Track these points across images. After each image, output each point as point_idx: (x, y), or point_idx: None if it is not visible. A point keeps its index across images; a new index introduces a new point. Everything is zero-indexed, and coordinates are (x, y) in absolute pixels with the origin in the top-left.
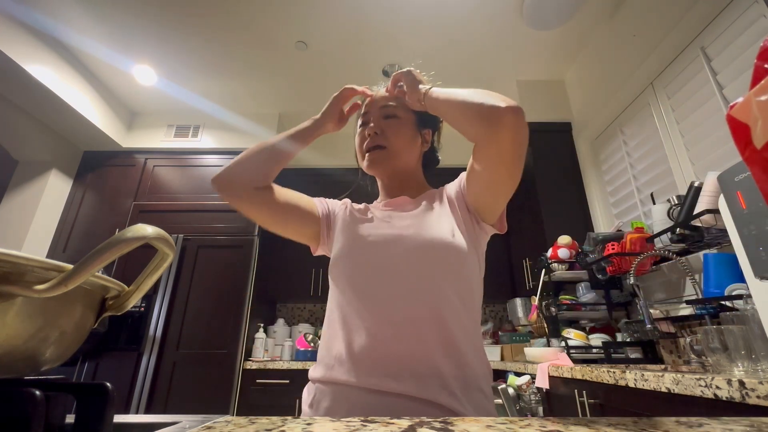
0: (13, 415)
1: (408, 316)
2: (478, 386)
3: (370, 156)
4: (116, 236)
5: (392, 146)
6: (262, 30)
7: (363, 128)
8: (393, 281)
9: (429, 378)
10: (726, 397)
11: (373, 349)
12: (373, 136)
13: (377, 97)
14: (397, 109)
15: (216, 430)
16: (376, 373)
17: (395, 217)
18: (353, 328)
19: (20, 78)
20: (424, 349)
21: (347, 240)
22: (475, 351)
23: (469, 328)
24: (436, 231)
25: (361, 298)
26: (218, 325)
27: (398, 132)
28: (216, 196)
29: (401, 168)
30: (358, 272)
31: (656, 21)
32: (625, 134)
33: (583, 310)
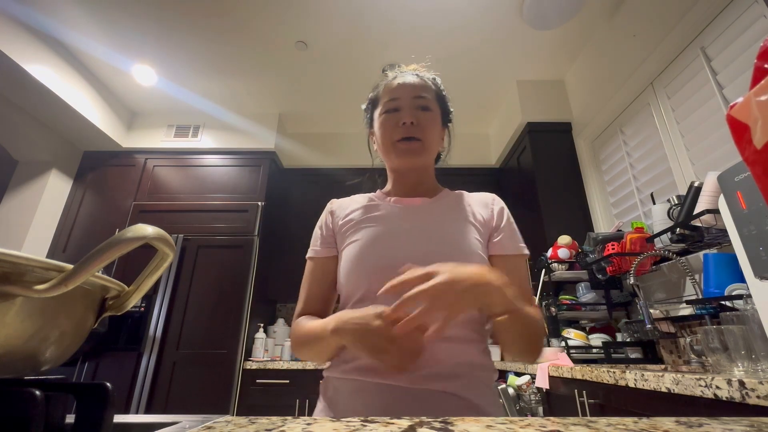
0: (13, 415)
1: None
2: (488, 383)
3: (403, 145)
4: (116, 236)
5: (427, 140)
6: (262, 30)
7: (393, 114)
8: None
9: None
10: (726, 397)
11: None
12: (409, 126)
13: (409, 83)
14: (431, 101)
15: (216, 430)
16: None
17: (411, 215)
18: None
19: (20, 78)
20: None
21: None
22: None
23: (479, 326)
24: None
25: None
26: (218, 325)
27: (433, 126)
28: (216, 195)
29: (425, 164)
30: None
31: (656, 21)
32: (625, 134)
33: (583, 310)
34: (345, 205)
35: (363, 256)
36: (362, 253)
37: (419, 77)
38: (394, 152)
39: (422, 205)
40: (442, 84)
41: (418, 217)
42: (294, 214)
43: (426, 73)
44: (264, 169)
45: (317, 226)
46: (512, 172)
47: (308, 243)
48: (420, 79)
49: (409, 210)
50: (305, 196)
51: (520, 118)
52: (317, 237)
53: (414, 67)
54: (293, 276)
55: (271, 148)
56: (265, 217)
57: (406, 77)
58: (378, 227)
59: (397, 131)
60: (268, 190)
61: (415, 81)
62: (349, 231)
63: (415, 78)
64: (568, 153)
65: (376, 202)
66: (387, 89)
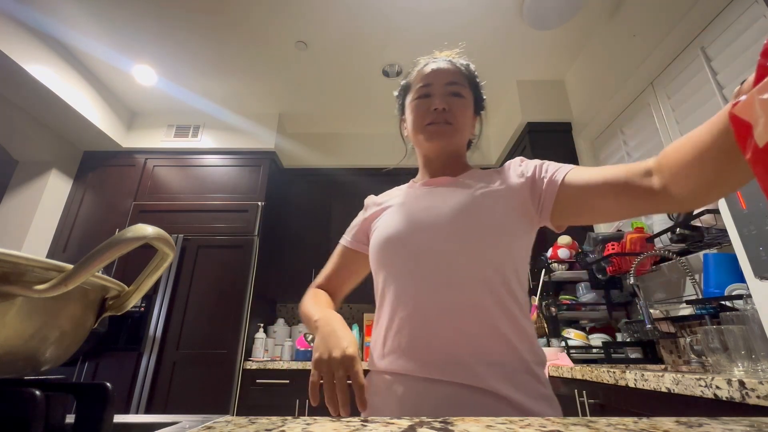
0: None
1: (449, 303)
2: (529, 370)
3: (433, 128)
4: (116, 236)
5: (457, 124)
6: (262, 30)
7: (425, 100)
8: (432, 268)
9: (476, 365)
10: (726, 397)
11: (416, 339)
12: (441, 111)
13: (442, 69)
14: (463, 87)
15: (216, 430)
16: (421, 361)
17: (435, 196)
18: (396, 318)
19: (20, 78)
20: (467, 337)
21: (384, 228)
22: (523, 336)
23: (515, 314)
24: (477, 213)
25: (402, 288)
26: (218, 325)
27: (464, 112)
28: (216, 195)
29: (456, 148)
30: (396, 258)
31: (656, 21)
32: (625, 134)
33: (583, 310)
34: (378, 200)
35: (379, 242)
36: (379, 238)
37: (452, 63)
38: (424, 135)
39: (445, 183)
40: (476, 71)
41: (440, 195)
42: (294, 214)
43: (460, 59)
44: (264, 169)
45: (354, 220)
46: None
47: (308, 243)
48: (453, 65)
49: (431, 190)
50: (305, 196)
51: (520, 118)
52: (350, 228)
53: (448, 54)
54: (293, 276)
55: (271, 148)
56: (265, 217)
57: (439, 63)
58: (396, 210)
59: (428, 116)
60: (268, 190)
61: (448, 67)
62: (375, 221)
63: (448, 64)
64: (568, 153)
65: (405, 189)
66: (419, 75)
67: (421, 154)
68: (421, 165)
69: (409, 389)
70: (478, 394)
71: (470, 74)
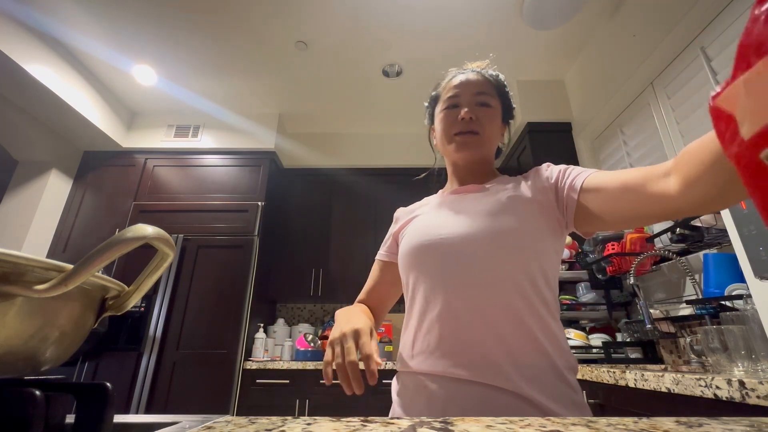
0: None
1: (479, 304)
2: (561, 376)
3: (462, 138)
4: (116, 236)
5: (485, 134)
6: (262, 30)
7: (453, 110)
8: (461, 270)
9: (506, 366)
10: (726, 397)
11: (445, 339)
12: (468, 121)
13: (470, 80)
14: (491, 98)
15: (216, 430)
16: (451, 361)
17: (463, 203)
18: (426, 319)
19: (20, 78)
20: (496, 338)
21: (414, 233)
22: (554, 340)
23: (545, 318)
24: (505, 217)
25: (432, 289)
26: (218, 325)
27: (492, 121)
28: (216, 195)
29: (484, 157)
30: (426, 261)
31: (656, 21)
32: (625, 134)
33: (583, 310)
34: (408, 210)
35: (408, 247)
36: (408, 243)
37: (480, 74)
38: (453, 145)
39: (472, 190)
40: (505, 81)
41: (469, 201)
42: (294, 214)
43: (489, 70)
44: (264, 169)
45: (387, 233)
46: (512, 172)
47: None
48: (481, 76)
49: (459, 198)
50: (305, 196)
51: (520, 117)
52: (384, 242)
53: (478, 65)
54: (293, 276)
55: (271, 148)
56: (265, 217)
57: (468, 74)
58: (425, 217)
59: (456, 125)
60: (268, 190)
61: (476, 78)
62: (404, 229)
63: (476, 75)
64: (568, 153)
65: (434, 200)
66: (448, 86)
67: (449, 162)
68: (450, 173)
69: (438, 389)
70: (508, 397)
71: (499, 84)
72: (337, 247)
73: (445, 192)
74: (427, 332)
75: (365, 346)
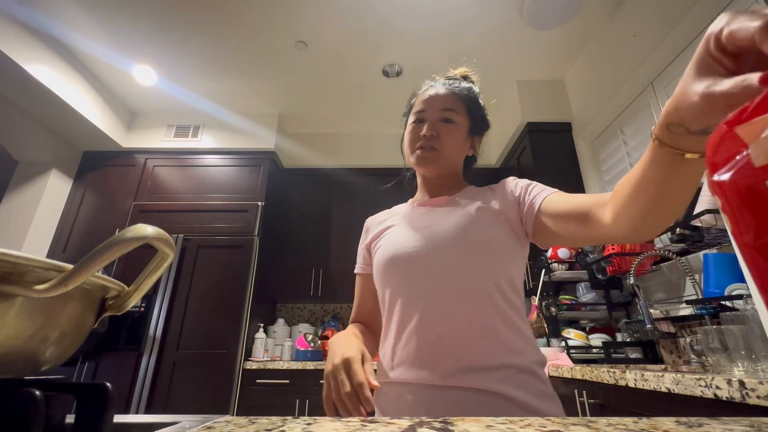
0: (13, 415)
1: (453, 315)
2: (531, 371)
3: (420, 153)
4: (116, 236)
5: (444, 150)
6: (262, 30)
7: (418, 125)
8: (435, 283)
9: (480, 370)
10: (726, 397)
11: (423, 350)
12: (429, 138)
13: (438, 96)
14: (456, 113)
15: (216, 430)
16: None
17: (434, 216)
18: (404, 331)
19: (20, 78)
20: (470, 345)
21: (387, 247)
22: (523, 340)
23: (514, 321)
24: (474, 230)
25: (408, 302)
26: (218, 325)
27: (453, 137)
28: (216, 195)
29: (447, 171)
30: (400, 275)
31: (656, 21)
32: (625, 134)
33: (583, 310)
34: (377, 219)
35: (382, 261)
36: (382, 257)
37: (449, 89)
38: (413, 159)
39: (441, 203)
40: (478, 94)
41: (436, 215)
42: (294, 214)
43: (462, 83)
44: (264, 169)
45: (359, 244)
46: (512, 172)
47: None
48: (450, 91)
49: (428, 210)
50: (305, 196)
51: (520, 118)
52: (359, 254)
53: (462, 72)
54: (293, 276)
55: (271, 148)
56: (265, 217)
57: (437, 89)
58: (396, 230)
59: (418, 140)
60: (268, 190)
61: (444, 93)
62: (377, 241)
63: (444, 89)
64: (568, 153)
65: (403, 209)
66: (419, 100)
67: (418, 174)
68: (419, 183)
69: (419, 396)
70: (485, 396)
71: (468, 98)
72: (337, 247)
73: (415, 202)
74: (405, 344)
75: (355, 375)
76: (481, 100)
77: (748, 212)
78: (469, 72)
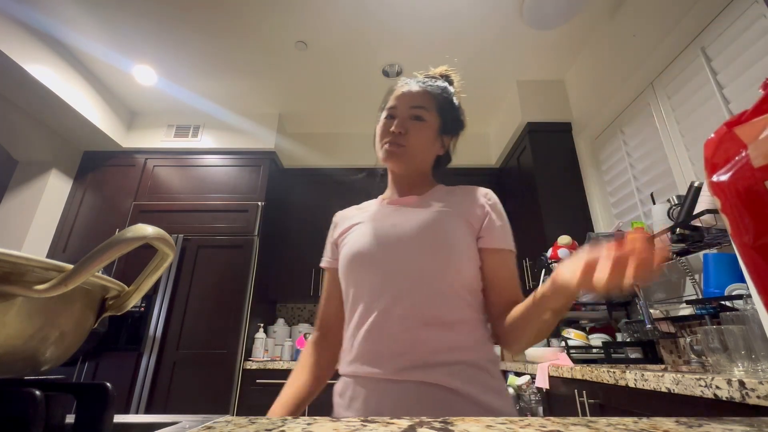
0: (13, 415)
1: (413, 314)
2: (482, 367)
3: (387, 147)
4: (116, 236)
5: (411, 147)
6: (262, 30)
7: (389, 120)
8: (398, 281)
9: (432, 366)
10: (726, 397)
11: (382, 346)
12: (397, 134)
13: (410, 93)
14: (426, 111)
15: (216, 430)
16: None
17: (402, 215)
18: (363, 327)
19: (20, 78)
20: (427, 343)
21: (353, 244)
22: (476, 338)
23: (470, 321)
24: (439, 231)
25: (370, 299)
26: (218, 325)
27: (421, 135)
28: (216, 195)
29: (414, 168)
30: (364, 272)
31: (656, 21)
32: (625, 134)
33: (583, 310)
34: (345, 214)
35: (348, 257)
36: (348, 253)
37: (423, 87)
38: (381, 153)
39: (409, 202)
40: (452, 93)
41: (403, 214)
42: (294, 214)
43: (438, 82)
44: (264, 169)
45: (327, 238)
46: (512, 172)
47: (308, 243)
48: (422, 89)
49: (396, 209)
50: (305, 196)
51: (520, 118)
52: (326, 248)
53: (441, 70)
54: (293, 276)
55: (271, 148)
56: (265, 217)
57: (410, 86)
58: (364, 227)
59: (387, 135)
60: (268, 190)
61: (416, 90)
62: (344, 236)
63: (418, 87)
64: (568, 153)
65: (372, 206)
66: (391, 96)
67: (389, 170)
68: (389, 180)
69: (372, 389)
70: (434, 389)
71: (442, 97)
72: None
73: (385, 199)
74: (363, 340)
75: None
76: (456, 99)
77: (747, 213)
78: (450, 71)
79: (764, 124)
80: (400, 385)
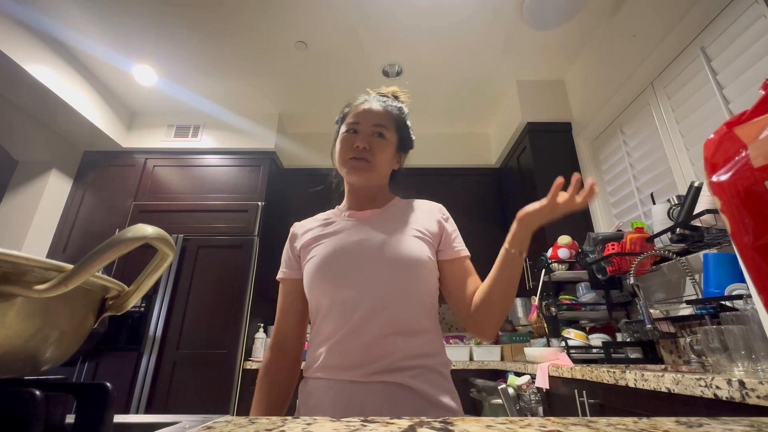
0: (13, 415)
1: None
2: (437, 371)
3: (352, 163)
4: (116, 236)
5: (375, 163)
6: (262, 30)
7: (351, 135)
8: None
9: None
10: (726, 397)
11: (353, 353)
12: (362, 150)
13: (372, 111)
14: (387, 130)
15: (216, 430)
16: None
17: (365, 229)
18: (335, 336)
19: (20, 78)
20: (394, 350)
21: (321, 256)
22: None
23: (430, 329)
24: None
25: (338, 308)
26: (218, 325)
27: (383, 152)
28: (216, 195)
29: (375, 183)
30: (331, 287)
31: (656, 21)
32: (625, 134)
33: (583, 310)
34: (305, 226)
35: (319, 270)
36: (318, 267)
37: (383, 107)
38: (346, 168)
39: (372, 217)
40: (406, 114)
41: (368, 229)
42: (294, 214)
43: (394, 102)
44: (264, 169)
45: (284, 249)
46: (512, 172)
47: None
48: (383, 108)
49: (360, 223)
50: (305, 196)
51: (520, 118)
52: (284, 260)
53: (392, 90)
54: None
55: (271, 148)
56: (265, 217)
57: (372, 103)
58: (331, 242)
59: (351, 151)
60: (268, 190)
61: (378, 109)
62: (308, 249)
63: (379, 106)
64: (568, 153)
65: (332, 218)
66: (353, 111)
67: (346, 182)
68: (347, 192)
69: (339, 390)
70: (397, 388)
71: (398, 117)
72: None
73: (344, 213)
74: (335, 349)
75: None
76: (408, 120)
77: (747, 213)
78: (400, 92)
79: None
80: (368, 386)
